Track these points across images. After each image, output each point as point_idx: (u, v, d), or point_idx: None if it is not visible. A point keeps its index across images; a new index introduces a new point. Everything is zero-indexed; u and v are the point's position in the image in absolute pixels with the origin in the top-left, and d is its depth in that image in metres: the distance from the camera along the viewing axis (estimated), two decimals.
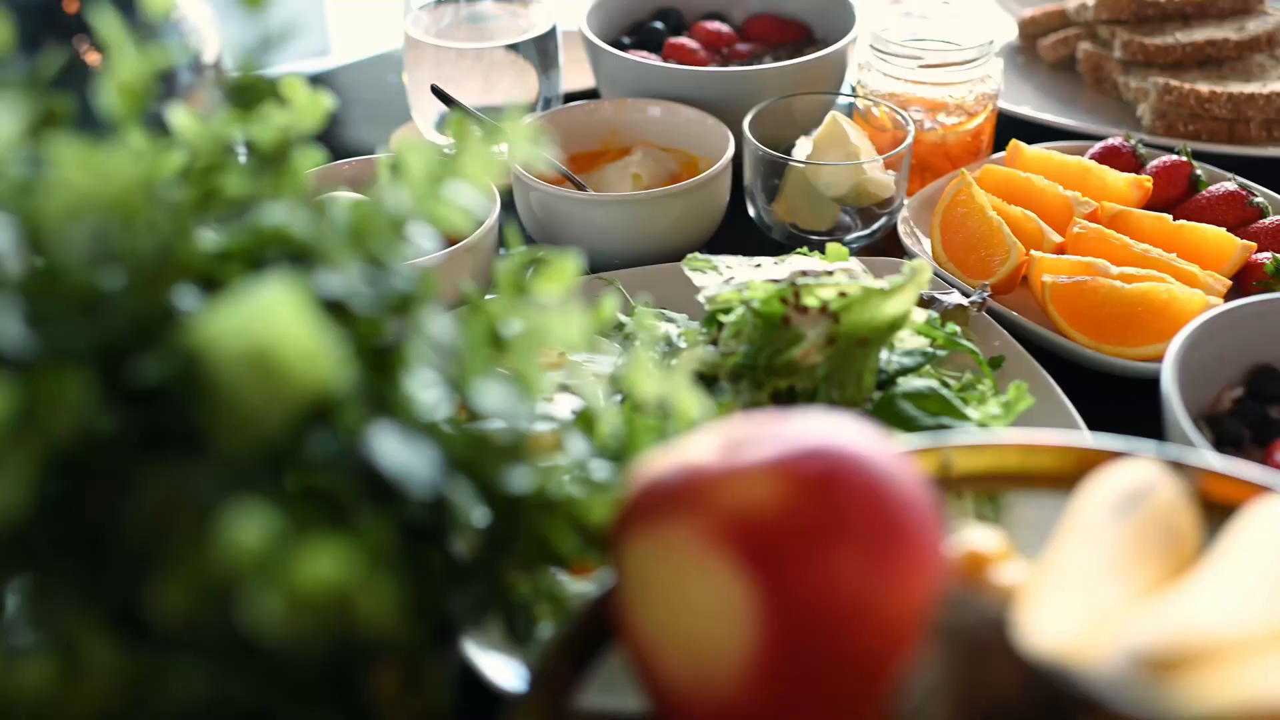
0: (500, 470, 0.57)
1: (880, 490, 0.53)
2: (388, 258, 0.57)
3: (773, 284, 0.85)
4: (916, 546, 0.54)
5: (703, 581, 0.52)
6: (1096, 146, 1.14)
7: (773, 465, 0.53)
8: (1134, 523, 0.57)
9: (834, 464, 0.53)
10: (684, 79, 1.16)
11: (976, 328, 0.97)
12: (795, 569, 0.51)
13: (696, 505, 0.53)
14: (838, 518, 0.52)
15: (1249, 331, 0.87)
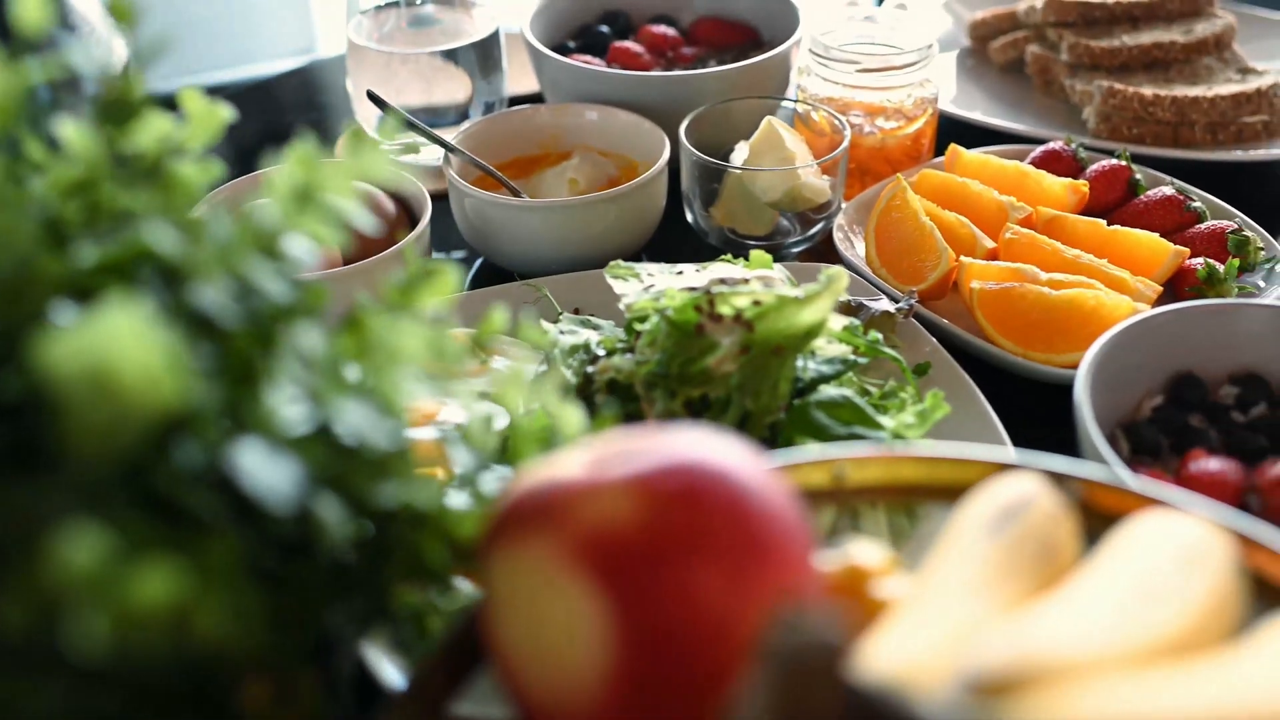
0: (370, 484, 0.56)
1: (742, 507, 0.53)
2: (257, 272, 0.56)
3: (688, 292, 0.85)
4: (779, 563, 0.53)
5: (558, 599, 0.52)
6: (1037, 151, 1.14)
7: (631, 482, 0.53)
8: (1007, 539, 0.57)
9: (694, 481, 0.53)
10: (624, 83, 1.16)
11: (904, 334, 0.97)
12: (650, 587, 0.51)
13: (554, 522, 0.53)
14: (695, 535, 0.52)
15: (1170, 339, 0.86)
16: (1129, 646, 0.48)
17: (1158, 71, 1.26)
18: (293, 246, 0.59)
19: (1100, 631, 0.48)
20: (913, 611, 0.53)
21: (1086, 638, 0.47)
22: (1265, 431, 0.84)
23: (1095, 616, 0.49)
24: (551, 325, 0.93)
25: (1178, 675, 0.47)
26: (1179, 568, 0.53)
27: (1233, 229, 1.05)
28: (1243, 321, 0.85)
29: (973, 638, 0.49)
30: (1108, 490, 0.63)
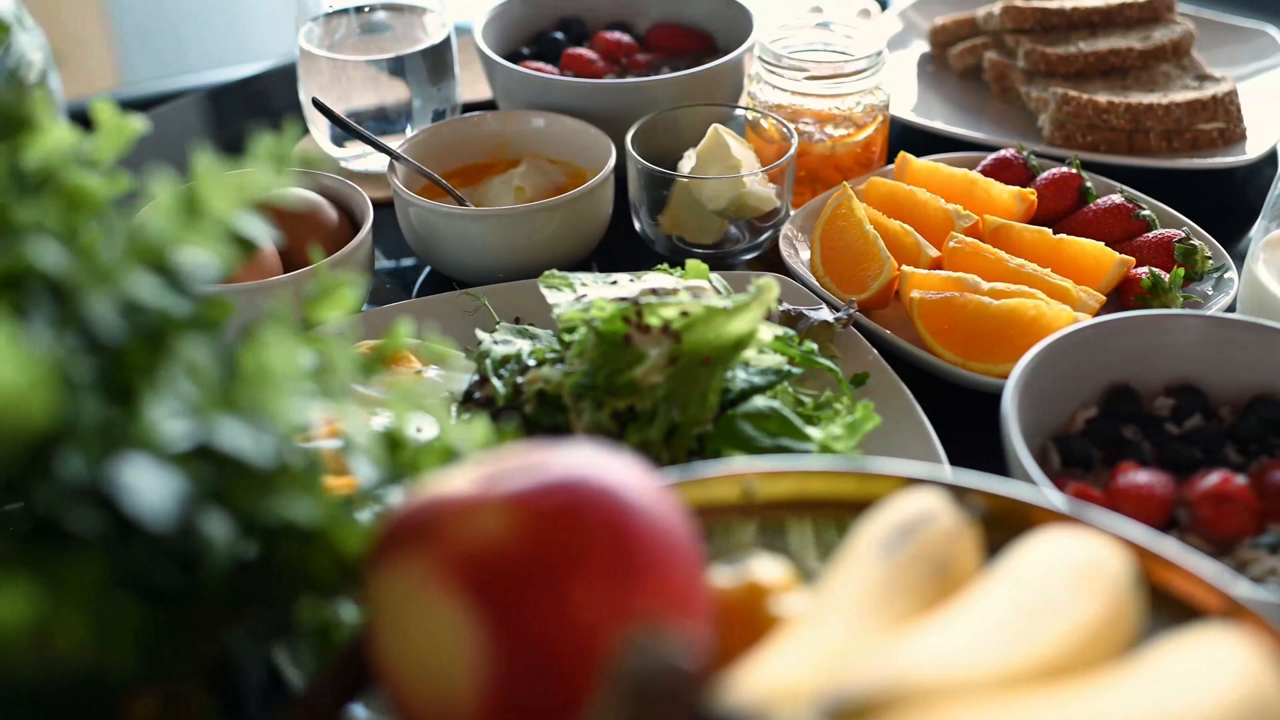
0: (256, 501, 0.56)
1: (622, 526, 0.53)
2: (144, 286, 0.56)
3: (617, 303, 0.84)
4: (660, 582, 0.53)
5: (433, 616, 0.51)
6: (989, 158, 1.13)
7: (509, 499, 0.52)
8: (900, 557, 0.56)
9: (573, 499, 0.53)
10: (573, 90, 1.16)
11: (844, 344, 0.96)
12: (523, 605, 0.50)
13: (431, 539, 0.52)
14: (572, 553, 0.51)
15: (1103, 350, 0.86)
16: (1002, 668, 0.48)
17: (1114, 78, 1.26)
18: (186, 260, 0.59)
19: (971, 654, 0.48)
20: (795, 632, 0.52)
21: (955, 660, 0.47)
22: (1199, 443, 0.84)
23: (969, 638, 0.49)
24: (486, 335, 0.92)
25: (1048, 698, 0.46)
26: (1069, 586, 0.53)
27: (1180, 238, 1.04)
28: (1175, 332, 0.85)
29: (846, 660, 0.49)
30: (1013, 505, 0.62)
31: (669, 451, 0.82)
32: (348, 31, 1.20)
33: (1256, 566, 0.76)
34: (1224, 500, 0.78)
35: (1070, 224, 1.08)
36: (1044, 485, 0.74)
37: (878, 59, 1.13)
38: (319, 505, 0.56)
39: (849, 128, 1.13)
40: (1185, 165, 1.18)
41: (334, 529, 0.57)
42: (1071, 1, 1.29)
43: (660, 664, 0.41)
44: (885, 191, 1.09)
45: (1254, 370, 0.86)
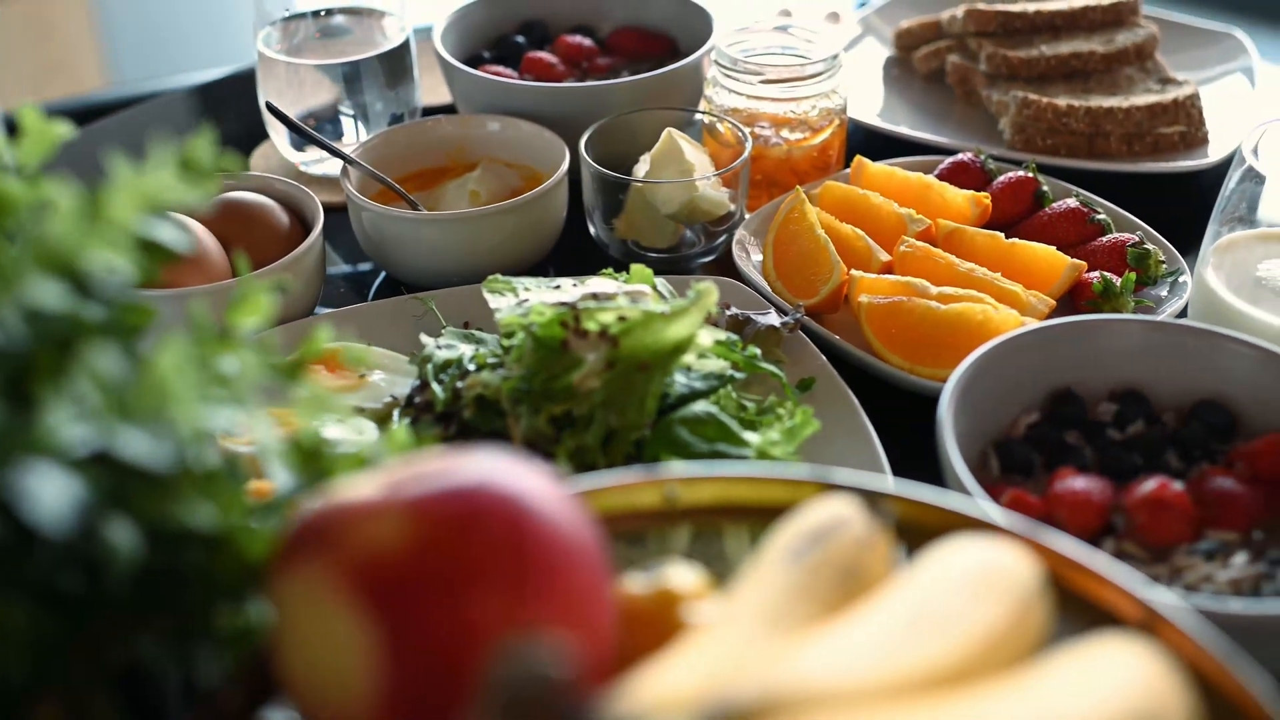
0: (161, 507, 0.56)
1: (521, 533, 0.52)
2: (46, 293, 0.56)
3: (555, 307, 0.84)
4: (560, 590, 0.53)
5: (330, 622, 0.51)
6: (946, 162, 1.13)
7: (407, 506, 0.52)
8: (808, 564, 0.56)
9: (471, 506, 0.52)
10: (530, 94, 1.15)
11: (792, 348, 0.96)
12: (419, 613, 0.50)
13: (329, 546, 0.52)
14: (468, 561, 0.51)
15: (1047, 355, 0.85)
16: (890, 676, 0.47)
17: (1077, 82, 1.25)
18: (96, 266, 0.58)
19: (857, 662, 0.47)
20: (694, 640, 0.52)
21: (838, 669, 0.46)
22: (1141, 449, 0.83)
23: (858, 646, 0.48)
24: (430, 340, 0.92)
25: (932, 706, 0.46)
26: (970, 594, 0.52)
27: (1133, 242, 1.03)
28: (1115, 338, 0.84)
29: (738, 668, 0.48)
30: (930, 512, 0.62)
31: (606, 456, 0.82)
32: (306, 35, 1.20)
33: (1191, 573, 0.75)
34: (1160, 507, 0.77)
35: (1025, 228, 1.08)
36: (975, 491, 0.73)
37: (834, 63, 1.12)
38: (221, 511, 0.56)
39: (805, 131, 1.13)
40: (1145, 169, 1.18)
41: (237, 535, 0.57)
42: (1035, 4, 1.29)
43: (531, 672, 0.41)
44: (840, 195, 1.08)
45: (1198, 375, 0.86)
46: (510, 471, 0.55)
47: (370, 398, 0.91)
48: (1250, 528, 0.78)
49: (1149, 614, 0.57)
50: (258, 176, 1.07)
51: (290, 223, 1.04)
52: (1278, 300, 0.92)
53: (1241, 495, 0.79)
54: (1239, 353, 0.84)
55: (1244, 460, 0.82)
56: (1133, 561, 0.76)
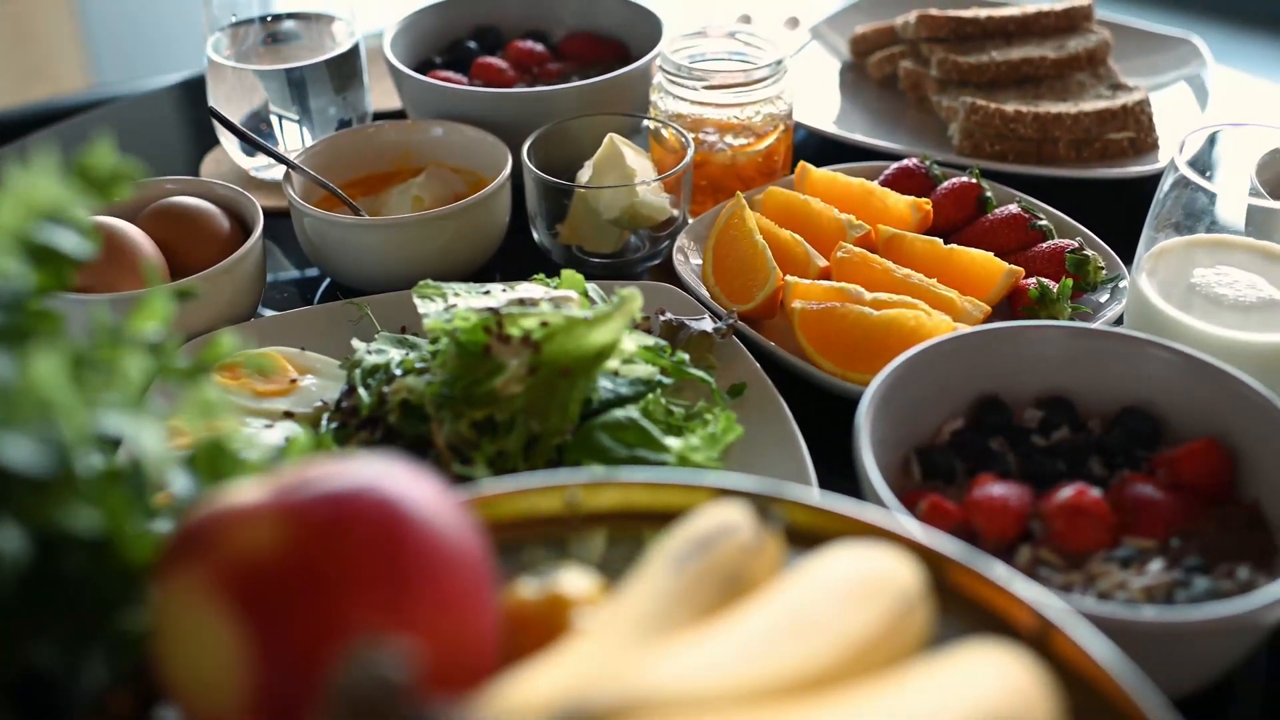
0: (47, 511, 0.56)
1: (397, 538, 0.52)
2: None
3: (479, 312, 0.84)
4: (436, 595, 0.53)
5: (204, 627, 0.51)
6: (891, 168, 1.13)
7: (281, 510, 0.52)
8: (691, 570, 0.56)
9: (346, 511, 0.52)
10: (476, 100, 1.16)
11: (726, 354, 0.96)
12: (290, 618, 0.50)
13: (206, 550, 0.52)
14: (340, 566, 0.51)
15: (972, 362, 0.85)
16: (751, 682, 0.47)
17: (1028, 88, 1.25)
18: None
19: (722, 667, 0.47)
20: (567, 646, 0.52)
21: (695, 675, 0.46)
22: (1064, 455, 0.83)
23: (726, 652, 0.48)
24: (362, 345, 0.92)
25: (787, 712, 0.46)
26: (845, 599, 0.52)
27: (1072, 248, 1.03)
28: (1038, 344, 0.84)
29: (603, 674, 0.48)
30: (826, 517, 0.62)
31: (528, 461, 0.82)
32: (255, 41, 1.20)
33: (1105, 580, 0.75)
34: (1077, 514, 0.77)
35: (967, 234, 1.08)
36: (888, 497, 0.73)
37: (778, 68, 1.12)
38: (107, 516, 0.56)
39: (750, 137, 1.13)
40: (1092, 175, 1.18)
41: (124, 540, 0.57)
42: (987, 10, 1.29)
43: (374, 676, 0.41)
44: (782, 201, 1.09)
45: (1124, 382, 0.86)
46: (391, 477, 0.55)
47: (301, 402, 0.91)
48: (1168, 535, 0.78)
49: (1041, 621, 0.57)
50: (199, 181, 1.07)
51: (231, 227, 1.04)
52: (1210, 307, 0.92)
53: (1160, 502, 0.79)
54: (1163, 359, 0.84)
55: (1165, 467, 0.82)
56: (1048, 568, 0.76)
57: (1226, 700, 0.80)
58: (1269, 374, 0.91)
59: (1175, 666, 0.73)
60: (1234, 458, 0.82)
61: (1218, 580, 0.75)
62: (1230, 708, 0.80)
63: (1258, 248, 0.94)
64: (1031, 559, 0.77)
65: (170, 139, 1.33)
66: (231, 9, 1.17)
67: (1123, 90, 1.24)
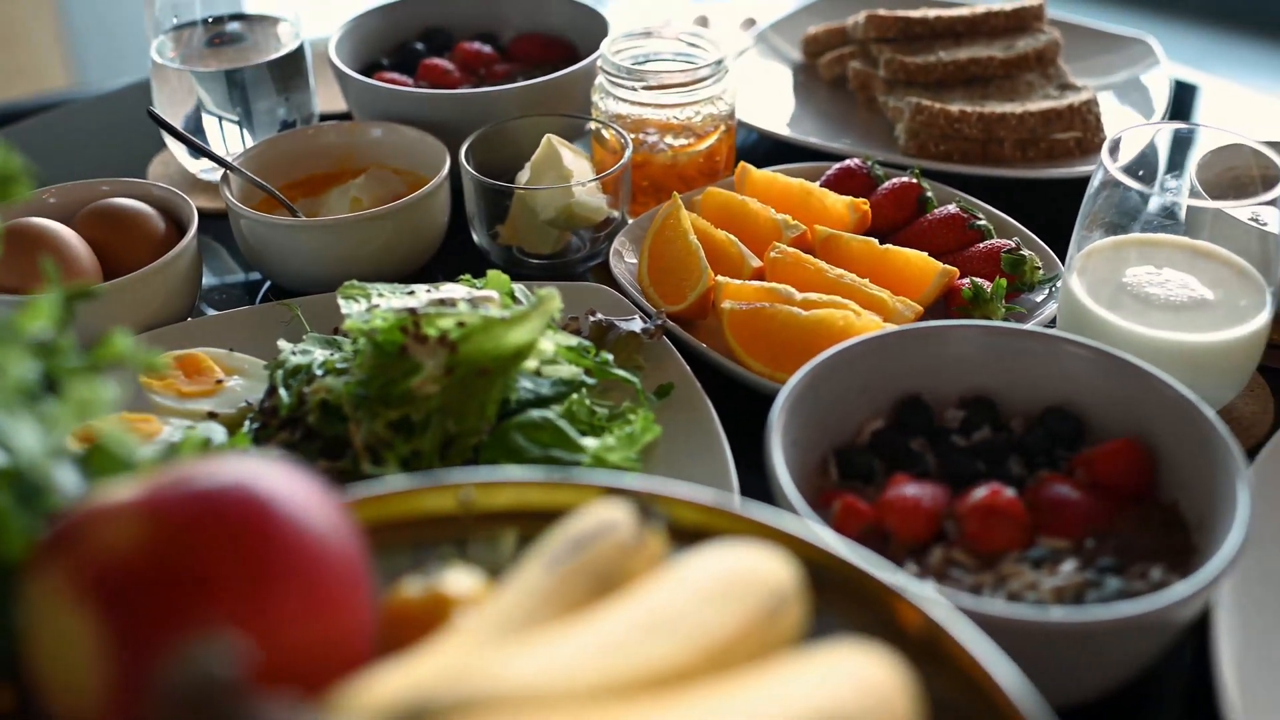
0: None
1: (262, 535, 0.52)
2: None
3: (397, 313, 0.84)
4: (301, 593, 0.52)
5: (66, 625, 0.51)
6: (833, 169, 1.13)
7: (145, 508, 0.52)
8: (566, 569, 0.56)
9: (208, 508, 0.52)
10: (418, 101, 1.15)
11: (655, 354, 0.96)
12: (149, 615, 0.50)
13: (69, 548, 0.52)
14: (202, 563, 0.51)
15: (893, 362, 0.85)
16: (608, 678, 0.47)
17: (976, 88, 1.25)
18: None
19: (574, 665, 0.47)
20: (433, 645, 0.52)
21: (552, 671, 0.46)
22: (984, 455, 0.83)
23: (582, 650, 0.48)
24: (287, 345, 0.92)
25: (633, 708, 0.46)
26: (709, 598, 0.52)
27: (1009, 248, 1.03)
28: (957, 344, 0.84)
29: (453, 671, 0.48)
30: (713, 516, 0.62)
31: (444, 461, 0.82)
32: (200, 43, 1.20)
33: (1016, 581, 0.75)
34: (990, 514, 0.77)
35: (907, 234, 1.07)
36: (795, 498, 0.73)
37: (719, 68, 1.12)
38: None
39: (690, 137, 1.13)
40: (1038, 175, 1.18)
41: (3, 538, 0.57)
42: (936, 10, 1.29)
43: (201, 674, 0.41)
44: (720, 202, 1.08)
45: (1047, 382, 0.85)
46: (263, 476, 0.55)
47: (225, 403, 0.91)
48: (1083, 535, 0.78)
49: (929, 623, 0.57)
50: (135, 183, 1.07)
51: (167, 228, 1.04)
52: (1140, 307, 0.92)
53: (1075, 502, 0.78)
54: (1081, 357, 0.84)
55: (1084, 467, 0.81)
56: (960, 569, 0.76)
57: (1150, 699, 0.80)
58: (1198, 373, 0.91)
59: (1087, 667, 0.73)
60: (1154, 457, 0.82)
61: (1130, 580, 0.75)
62: (1153, 707, 0.80)
63: (1188, 246, 0.93)
64: (944, 559, 0.76)
65: (122, 140, 1.33)
66: (174, 11, 1.17)
67: (1070, 90, 1.24)
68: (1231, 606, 0.78)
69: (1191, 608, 0.70)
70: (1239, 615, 0.78)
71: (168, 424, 0.88)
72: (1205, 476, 0.78)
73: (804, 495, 0.80)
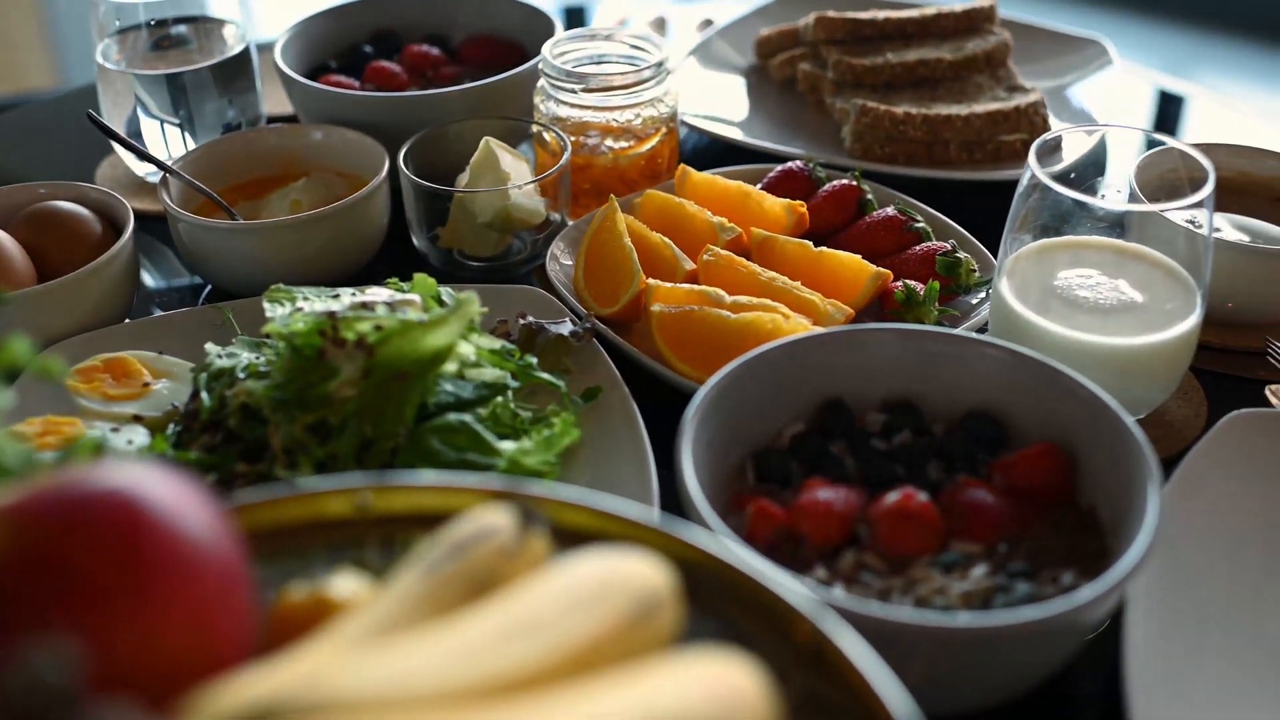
0: None
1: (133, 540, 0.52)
2: None
3: (316, 317, 0.84)
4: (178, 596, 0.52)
5: None
6: (775, 171, 1.13)
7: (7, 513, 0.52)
8: (441, 573, 0.56)
9: (76, 513, 0.52)
10: (359, 104, 1.15)
11: (586, 357, 0.96)
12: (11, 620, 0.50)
13: None
14: (65, 568, 0.51)
15: (813, 366, 0.85)
16: (461, 682, 0.47)
17: (924, 90, 1.25)
18: None
19: (425, 670, 0.47)
20: (301, 649, 0.52)
21: (401, 676, 0.46)
22: (903, 460, 0.83)
23: (437, 655, 0.48)
24: (215, 348, 0.92)
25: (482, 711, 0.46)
26: (575, 603, 0.52)
27: (944, 250, 1.03)
28: (875, 347, 0.84)
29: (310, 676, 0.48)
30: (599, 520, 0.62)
31: (361, 465, 0.82)
32: (145, 46, 1.20)
33: (925, 586, 0.74)
34: (902, 518, 0.77)
35: (846, 236, 1.07)
36: (700, 501, 0.72)
37: (659, 70, 1.12)
38: None
39: (631, 140, 1.13)
40: (982, 177, 1.17)
41: None
42: (885, 12, 1.29)
43: (34, 680, 0.41)
44: (659, 204, 1.08)
45: (968, 386, 0.85)
46: (140, 483, 0.55)
47: (152, 406, 0.91)
48: (997, 540, 0.77)
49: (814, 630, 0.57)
50: (73, 185, 1.07)
51: (104, 231, 1.04)
52: (1068, 310, 0.91)
53: (990, 507, 0.78)
54: (999, 360, 0.83)
55: (1001, 472, 0.81)
56: (870, 573, 0.76)
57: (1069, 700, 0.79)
58: (1126, 377, 0.91)
59: (997, 670, 0.72)
60: (1073, 461, 0.82)
61: (1041, 585, 0.75)
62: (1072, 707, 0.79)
63: (1115, 248, 0.93)
64: (855, 564, 0.76)
65: (73, 143, 1.33)
66: (117, 15, 1.17)
67: (1019, 92, 1.24)
68: (1146, 610, 0.78)
69: (1096, 612, 0.70)
70: (1153, 618, 0.78)
71: (92, 427, 0.88)
72: (1121, 481, 0.77)
73: (721, 498, 0.81)
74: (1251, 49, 3.38)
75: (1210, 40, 3.39)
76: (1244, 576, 0.83)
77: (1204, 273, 0.92)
